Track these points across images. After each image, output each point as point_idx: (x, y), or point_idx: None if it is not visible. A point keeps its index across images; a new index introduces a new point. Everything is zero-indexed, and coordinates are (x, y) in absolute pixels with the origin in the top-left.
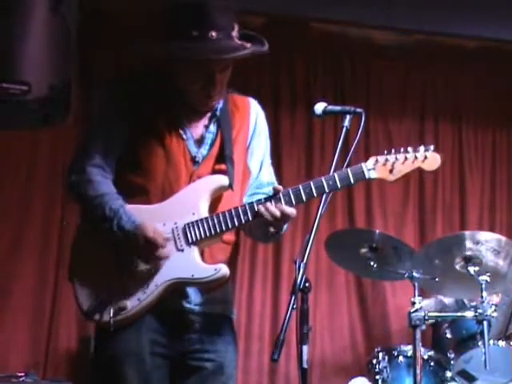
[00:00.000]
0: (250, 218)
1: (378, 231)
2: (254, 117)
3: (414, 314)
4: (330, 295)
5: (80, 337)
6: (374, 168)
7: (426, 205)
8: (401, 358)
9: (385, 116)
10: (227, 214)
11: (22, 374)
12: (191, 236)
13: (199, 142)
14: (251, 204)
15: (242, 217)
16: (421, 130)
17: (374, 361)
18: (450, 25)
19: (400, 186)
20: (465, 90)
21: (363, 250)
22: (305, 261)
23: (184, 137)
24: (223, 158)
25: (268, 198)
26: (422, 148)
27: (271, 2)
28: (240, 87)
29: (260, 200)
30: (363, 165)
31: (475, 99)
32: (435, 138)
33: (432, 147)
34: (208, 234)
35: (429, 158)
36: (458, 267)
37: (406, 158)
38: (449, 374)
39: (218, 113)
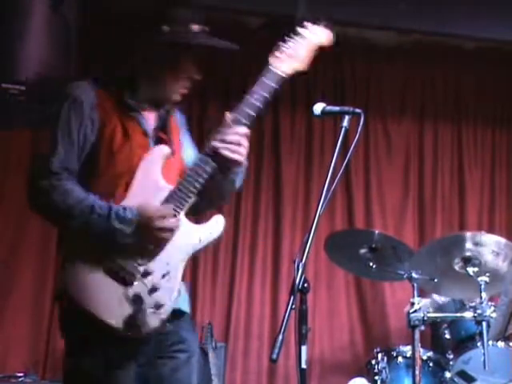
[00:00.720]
0: (213, 162)
1: (377, 231)
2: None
3: (413, 315)
4: (330, 295)
5: None
6: (279, 64)
7: (425, 205)
8: (400, 359)
9: (384, 116)
10: (192, 174)
11: (22, 374)
12: (175, 208)
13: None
14: (205, 150)
15: (205, 167)
16: (420, 130)
17: (373, 361)
18: (449, 25)
19: (399, 187)
20: (464, 90)
21: (362, 251)
22: (304, 261)
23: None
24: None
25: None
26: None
27: (270, 3)
28: (239, 87)
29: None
30: (270, 67)
31: (474, 99)
32: (434, 139)
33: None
34: (187, 199)
35: (317, 33)
36: (457, 268)
37: (296, 41)
38: (448, 374)
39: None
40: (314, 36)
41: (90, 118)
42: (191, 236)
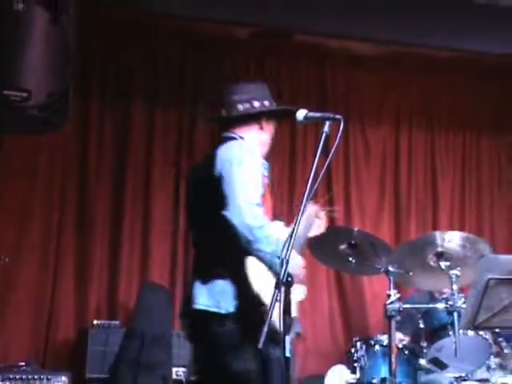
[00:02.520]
0: None
1: (356, 229)
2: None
3: (389, 306)
4: (312, 289)
5: (77, 329)
6: None
7: (401, 206)
8: (377, 347)
9: (363, 122)
10: None
11: (23, 364)
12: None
13: None
14: None
15: None
16: (396, 136)
17: (353, 350)
18: (425, 36)
19: (376, 189)
20: (438, 98)
21: (342, 247)
22: (287, 257)
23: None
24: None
25: None
26: None
27: (257, 15)
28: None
29: None
30: None
31: (447, 108)
32: (409, 145)
33: None
34: None
35: None
36: (430, 262)
37: None
38: (422, 361)
39: None
40: None
41: None
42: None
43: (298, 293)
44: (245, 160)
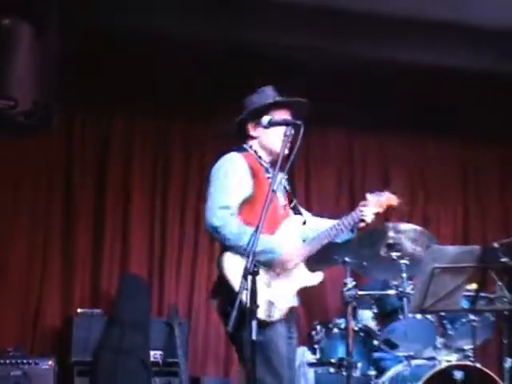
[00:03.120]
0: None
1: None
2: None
3: (346, 293)
4: None
5: (63, 317)
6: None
7: (355, 203)
8: (335, 330)
9: (322, 127)
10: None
11: (12, 350)
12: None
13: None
14: None
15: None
16: (350, 141)
17: (313, 333)
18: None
19: (333, 188)
20: (388, 107)
21: None
22: (254, 249)
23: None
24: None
25: None
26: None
27: (233, 32)
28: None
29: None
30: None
31: (396, 114)
32: (362, 147)
33: None
34: None
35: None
36: (382, 253)
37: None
38: (376, 342)
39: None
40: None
41: None
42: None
43: (316, 277)
44: (222, 168)
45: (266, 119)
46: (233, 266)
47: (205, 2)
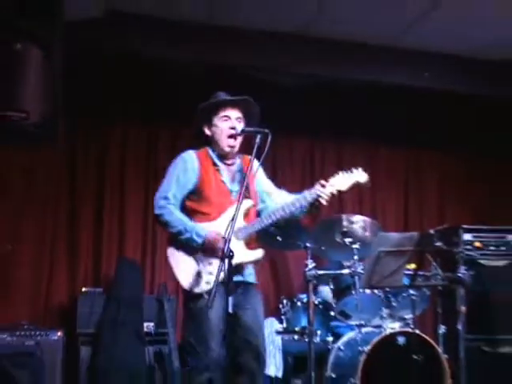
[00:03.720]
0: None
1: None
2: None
3: (307, 273)
4: None
5: (69, 295)
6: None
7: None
8: (299, 303)
9: (289, 136)
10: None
11: (26, 323)
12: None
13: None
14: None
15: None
16: (312, 148)
17: (280, 306)
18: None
19: (298, 184)
20: (345, 117)
21: (272, 229)
22: (230, 236)
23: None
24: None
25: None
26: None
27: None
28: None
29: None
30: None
31: (352, 124)
32: (322, 150)
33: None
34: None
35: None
36: (338, 239)
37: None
38: (332, 313)
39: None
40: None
41: None
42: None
43: (254, 254)
44: (172, 164)
45: (239, 127)
46: (175, 259)
47: (191, 29)
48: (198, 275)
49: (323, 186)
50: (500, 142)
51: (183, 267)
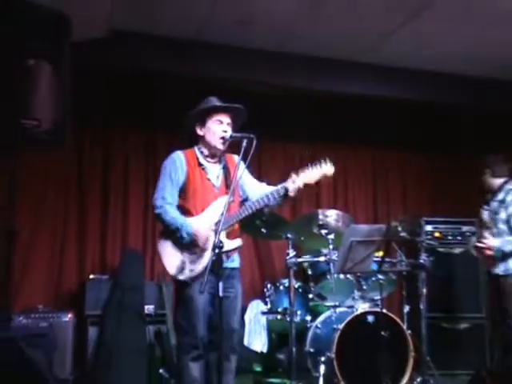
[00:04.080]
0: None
1: (266, 210)
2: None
3: (288, 260)
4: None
5: (79, 281)
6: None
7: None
8: (281, 287)
9: (272, 141)
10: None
11: (41, 306)
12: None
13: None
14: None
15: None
16: (292, 150)
17: (265, 289)
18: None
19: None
20: (322, 124)
21: (257, 222)
22: (220, 229)
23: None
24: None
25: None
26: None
27: (196, 67)
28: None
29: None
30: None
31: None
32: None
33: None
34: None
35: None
36: (315, 231)
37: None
38: (310, 295)
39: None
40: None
41: None
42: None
43: (234, 243)
44: (163, 165)
45: (228, 133)
46: (164, 249)
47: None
48: (183, 264)
49: (293, 181)
50: (451, 142)
51: (170, 257)
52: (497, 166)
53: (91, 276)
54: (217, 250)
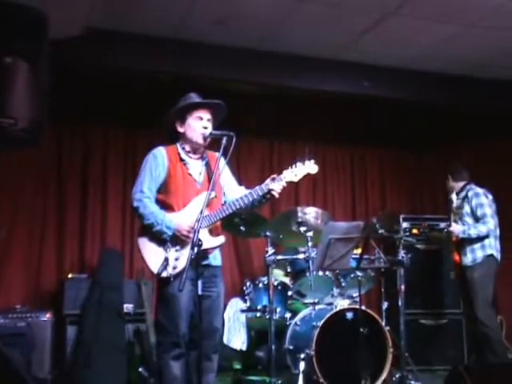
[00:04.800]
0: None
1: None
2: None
3: (267, 258)
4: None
5: (57, 280)
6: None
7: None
8: (261, 285)
9: (249, 139)
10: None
11: (19, 306)
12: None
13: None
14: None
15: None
16: (271, 148)
17: (244, 287)
18: (287, 81)
19: (257, 180)
20: (301, 122)
21: (236, 220)
22: (198, 227)
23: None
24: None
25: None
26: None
27: (175, 66)
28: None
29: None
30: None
31: (306, 128)
32: (280, 150)
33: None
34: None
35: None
36: (294, 228)
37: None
38: (290, 293)
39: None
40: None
41: None
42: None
43: (217, 240)
44: (144, 160)
45: (208, 131)
46: (145, 247)
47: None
48: (166, 261)
49: (273, 179)
50: (428, 140)
51: (152, 254)
52: (456, 171)
53: (70, 275)
54: (196, 249)
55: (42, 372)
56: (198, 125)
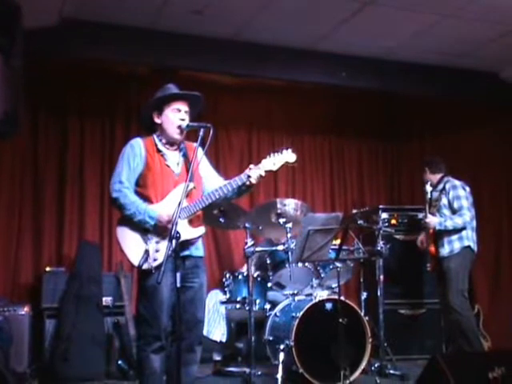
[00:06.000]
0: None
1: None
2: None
3: (247, 250)
4: None
5: (35, 274)
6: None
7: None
8: (240, 277)
9: (228, 130)
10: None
11: None
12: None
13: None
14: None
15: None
16: (249, 138)
17: (224, 279)
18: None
19: (236, 170)
20: (279, 115)
21: (215, 212)
22: (176, 219)
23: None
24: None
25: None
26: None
27: (152, 56)
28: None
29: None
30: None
31: (286, 118)
32: (258, 140)
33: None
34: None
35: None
36: (273, 220)
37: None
38: (269, 284)
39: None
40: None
41: None
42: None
43: (197, 231)
44: (122, 152)
45: (185, 123)
46: (124, 238)
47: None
48: (146, 253)
49: (251, 169)
50: (406, 130)
51: (132, 246)
52: (434, 163)
53: (47, 268)
54: (174, 241)
55: (21, 366)
56: (176, 117)
